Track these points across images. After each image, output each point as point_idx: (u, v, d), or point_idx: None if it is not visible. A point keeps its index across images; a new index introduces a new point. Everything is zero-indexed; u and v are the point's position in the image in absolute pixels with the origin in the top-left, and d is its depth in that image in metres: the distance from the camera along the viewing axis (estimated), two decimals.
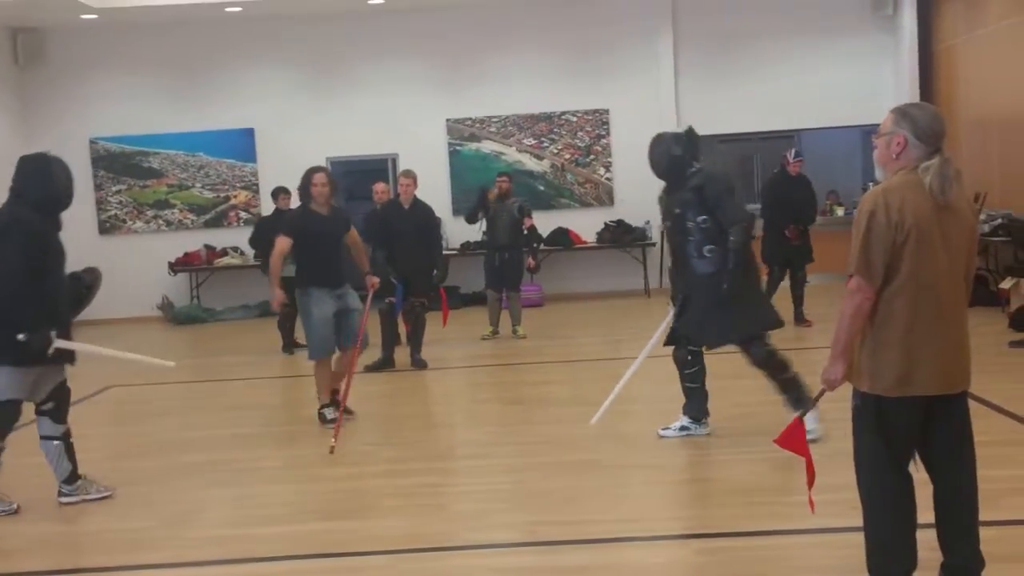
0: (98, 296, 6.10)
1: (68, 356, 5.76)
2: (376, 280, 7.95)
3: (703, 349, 6.37)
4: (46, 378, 5.72)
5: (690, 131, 6.38)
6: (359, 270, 7.93)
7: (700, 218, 6.08)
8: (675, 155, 6.21)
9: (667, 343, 6.45)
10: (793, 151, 10.90)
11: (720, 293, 6.02)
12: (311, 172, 7.49)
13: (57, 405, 5.80)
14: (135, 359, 6.65)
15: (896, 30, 14.63)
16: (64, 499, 5.84)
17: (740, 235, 6.01)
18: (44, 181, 5.57)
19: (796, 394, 5.90)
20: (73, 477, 5.85)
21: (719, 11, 14.77)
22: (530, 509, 5.35)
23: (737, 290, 6.04)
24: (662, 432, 6.42)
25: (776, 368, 6.03)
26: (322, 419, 7.43)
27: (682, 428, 6.40)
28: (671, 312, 6.56)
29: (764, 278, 7.10)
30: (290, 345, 11.18)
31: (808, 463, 4.00)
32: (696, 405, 6.40)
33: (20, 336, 5.38)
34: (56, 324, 5.56)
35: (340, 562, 4.81)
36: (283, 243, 7.38)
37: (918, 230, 3.58)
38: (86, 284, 5.94)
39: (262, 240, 11.18)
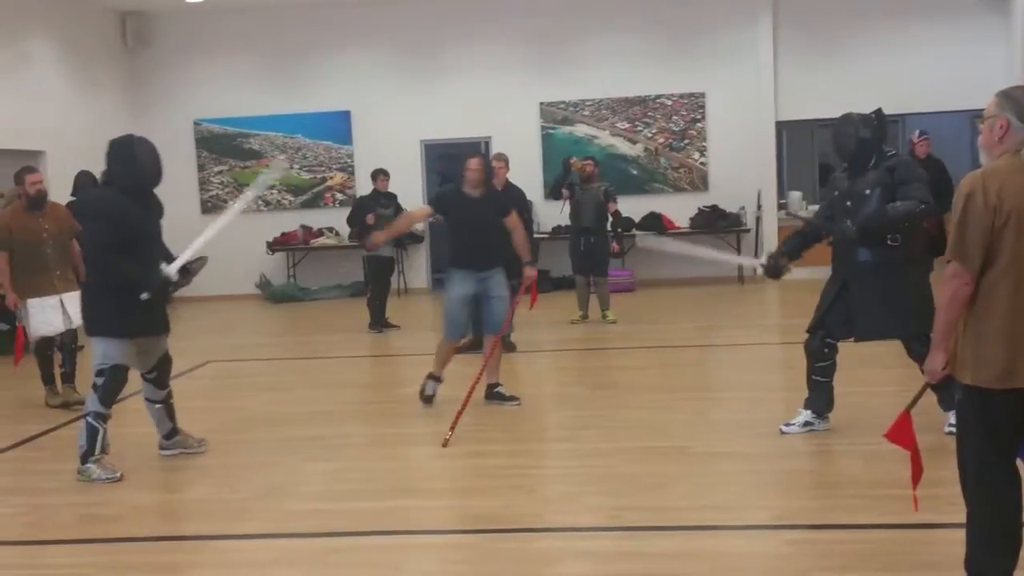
0: (199, 273, 6.32)
1: (162, 326, 6.12)
2: (533, 274, 7.49)
3: (840, 343, 6.13)
4: (150, 349, 6.08)
5: (879, 113, 6.11)
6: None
7: (890, 204, 5.81)
8: (863, 137, 5.96)
9: (807, 331, 6.22)
10: (918, 131, 10.29)
11: (888, 284, 5.81)
12: (467, 158, 7.33)
13: (159, 373, 6.22)
14: (229, 218, 6.30)
15: (1008, 11, 14.06)
16: (164, 452, 6.34)
17: (907, 209, 5.71)
18: (129, 164, 5.83)
19: (949, 393, 5.57)
20: (172, 433, 6.35)
21: None
22: (617, 494, 5.33)
23: (906, 284, 5.84)
24: (785, 428, 6.23)
25: None
26: (422, 392, 7.48)
27: (806, 423, 6.20)
28: (759, 263, 6.59)
29: None
30: (378, 323, 11.38)
31: (915, 459, 3.91)
32: (821, 399, 6.18)
33: (143, 295, 5.76)
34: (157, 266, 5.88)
35: (429, 539, 4.88)
36: (422, 210, 7.66)
37: (1019, 214, 3.48)
38: (188, 267, 6.15)
39: (357, 218, 11.43)
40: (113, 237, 5.72)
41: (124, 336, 5.87)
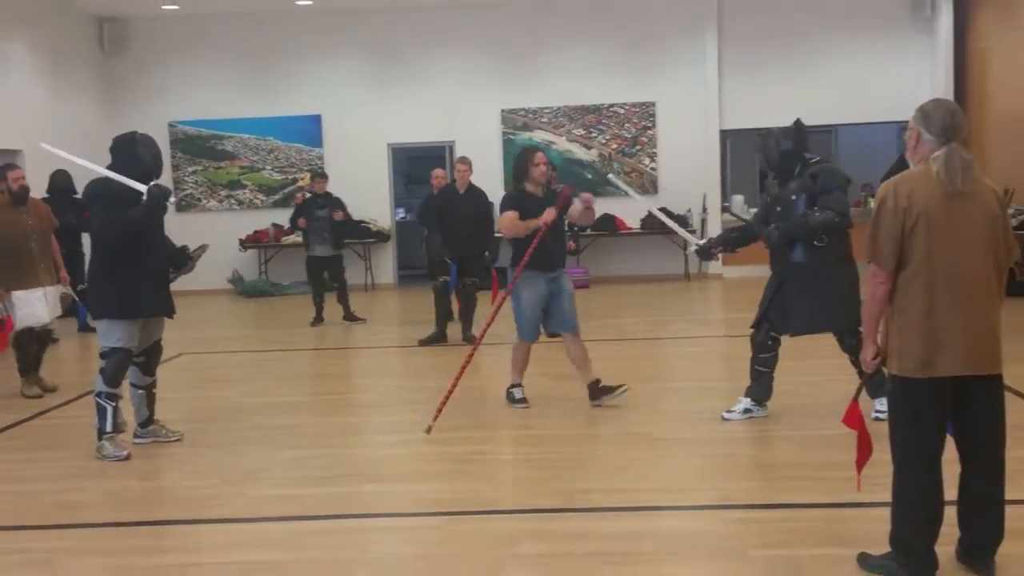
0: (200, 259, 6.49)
1: (168, 309, 6.12)
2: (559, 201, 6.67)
3: (783, 337, 6.17)
4: (148, 332, 6.07)
5: (799, 124, 6.16)
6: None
7: (811, 211, 5.85)
8: (785, 149, 6.05)
9: (751, 325, 6.27)
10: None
11: (819, 283, 5.86)
12: (531, 152, 6.82)
13: (148, 360, 6.17)
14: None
15: (933, 31, 14.36)
16: (137, 440, 6.20)
17: (824, 219, 5.78)
18: (130, 159, 5.87)
19: (877, 382, 5.61)
20: (148, 422, 6.26)
21: (763, 10, 14.60)
22: (573, 478, 5.33)
23: (834, 282, 5.88)
24: (726, 415, 6.27)
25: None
26: (510, 398, 6.94)
27: (745, 411, 6.25)
28: (696, 241, 6.73)
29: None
30: (320, 319, 11.30)
31: (865, 442, 3.95)
32: (762, 389, 6.24)
33: (169, 274, 6.12)
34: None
35: (393, 522, 4.85)
36: (512, 214, 6.64)
37: (927, 217, 3.58)
38: (190, 253, 6.35)
39: (296, 220, 11.40)
40: (120, 214, 5.75)
41: (128, 318, 5.85)
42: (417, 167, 16.11)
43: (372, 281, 15.21)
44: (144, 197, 5.75)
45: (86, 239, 6.82)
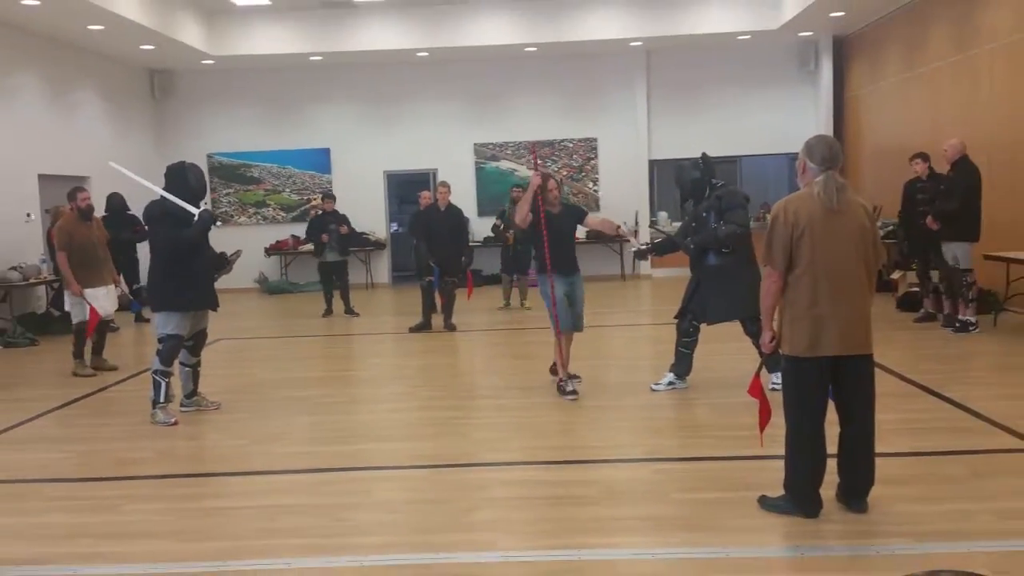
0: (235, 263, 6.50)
1: (213, 303, 6.06)
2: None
3: (702, 325, 6.19)
4: (197, 322, 6.03)
5: (704, 156, 6.17)
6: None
7: (721, 222, 5.90)
8: (695, 178, 6.09)
9: (675, 316, 6.29)
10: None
11: (728, 281, 5.87)
12: (546, 179, 6.55)
13: (195, 343, 6.12)
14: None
15: (816, 82, 14.53)
16: (183, 408, 6.15)
17: (729, 231, 5.83)
18: (181, 183, 5.85)
19: (774, 360, 5.65)
20: (192, 394, 6.19)
21: (682, 65, 14.68)
22: (532, 437, 5.33)
23: (741, 281, 5.88)
24: (653, 386, 6.28)
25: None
26: (560, 391, 6.31)
27: (669, 383, 6.28)
28: (638, 242, 6.75)
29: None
30: (330, 311, 11.20)
31: (765, 408, 3.98)
32: (683, 366, 6.27)
33: (213, 276, 6.04)
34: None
35: (389, 473, 4.82)
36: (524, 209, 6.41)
37: (811, 229, 3.62)
38: (228, 257, 6.36)
39: (311, 234, 11.25)
40: (175, 231, 5.73)
41: (181, 310, 5.82)
42: (407, 189, 16.01)
43: (371, 281, 15.12)
44: (195, 219, 5.74)
45: (139, 247, 6.69)
